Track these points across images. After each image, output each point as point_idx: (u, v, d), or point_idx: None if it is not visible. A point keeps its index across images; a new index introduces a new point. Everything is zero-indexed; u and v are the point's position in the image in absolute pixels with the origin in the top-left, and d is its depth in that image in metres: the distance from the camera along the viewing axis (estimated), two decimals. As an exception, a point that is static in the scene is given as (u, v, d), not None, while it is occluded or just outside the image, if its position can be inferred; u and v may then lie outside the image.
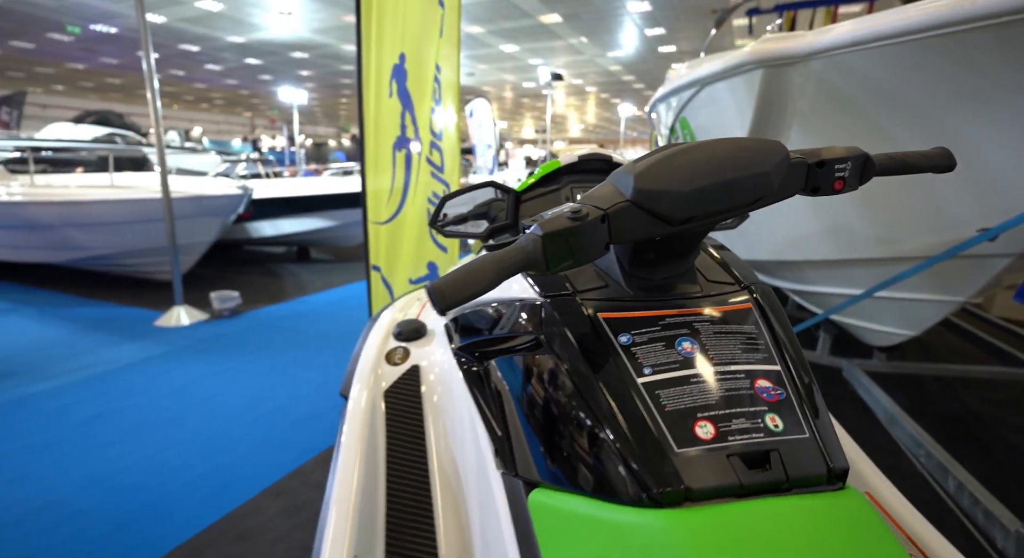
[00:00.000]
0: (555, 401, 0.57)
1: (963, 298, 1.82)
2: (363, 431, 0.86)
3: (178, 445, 2.60)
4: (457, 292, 0.46)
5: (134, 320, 4.70)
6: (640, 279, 0.63)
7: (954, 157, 0.64)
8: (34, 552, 1.88)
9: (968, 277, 1.73)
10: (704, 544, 0.42)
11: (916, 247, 1.78)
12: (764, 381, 0.54)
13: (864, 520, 0.45)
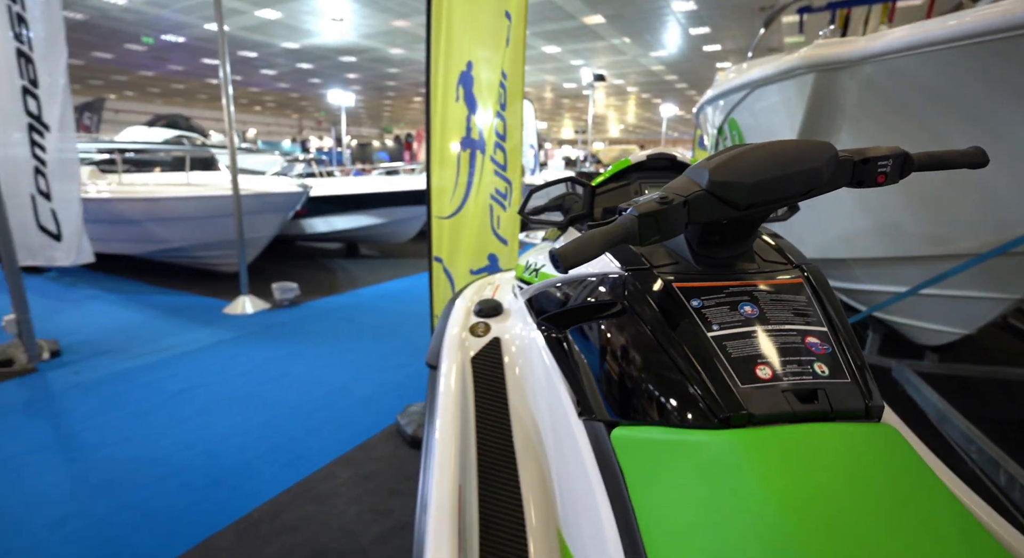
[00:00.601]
0: (637, 353, 0.71)
1: (1018, 296, 1.84)
2: (456, 391, 1.02)
3: (256, 418, 2.87)
4: (575, 256, 0.61)
5: (205, 308, 5.09)
6: (706, 258, 0.76)
7: (987, 155, 0.75)
8: (151, 497, 2.16)
9: (1022, 275, 1.75)
10: (762, 457, 0.55)
11: (968, 245, 1.81)
12: (813, 338, 0.67)
13: (895, 447, 0.57)
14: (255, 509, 2.11)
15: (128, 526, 2.01)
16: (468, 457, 0.93)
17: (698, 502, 0.52)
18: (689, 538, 0.49)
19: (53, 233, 3.69)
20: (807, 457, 0.54)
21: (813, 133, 2.04)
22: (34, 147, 3.44)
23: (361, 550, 1.89)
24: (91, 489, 2.23)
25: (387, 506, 2.14)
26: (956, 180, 1.75)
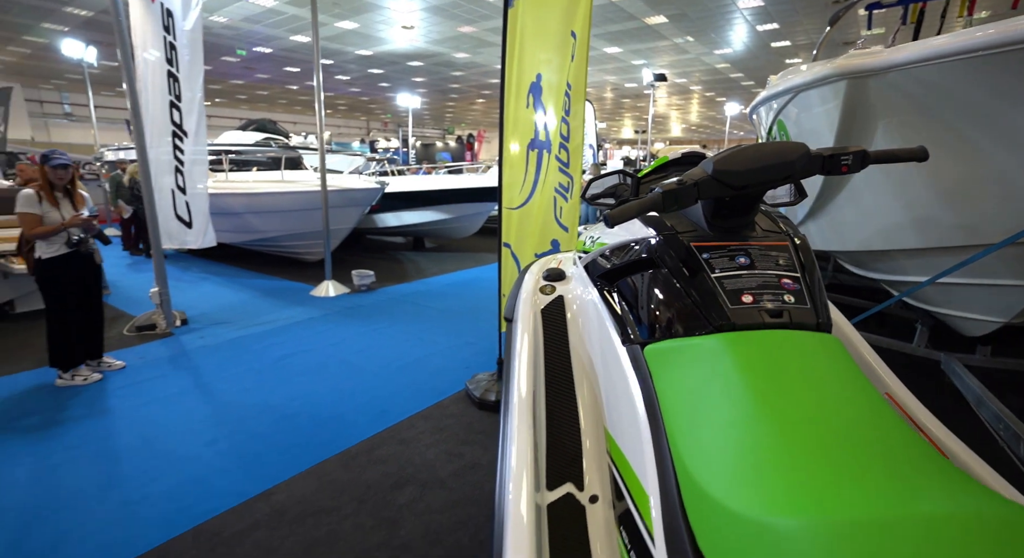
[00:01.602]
0: (663, 292, 1.04)
1: None
2: (529, 335, 1.38)
3: (347, 379, 3.37)
4: (619, 217, 0.95)
5: (294, 290, 5.76)
6: (717, 226, 1.08)
7: (928, 152, 1.02)
8: (273, 432, 2.68)
9: None
10: (741, 351, 0.87)
11: (996, 234, 1.95)
12: (786, 280, 0.98)
13: (831, 349, 0.87)
14: (353, 445, 2.58)
15: (259, 449, 2.53)
16: (539, 380, 1.28)
17: (698, 384, 0.84)
18: (691, 411, 0.81)
19: (186, 221, 4.41)
20: (770, 350, 0.86)
21: (849, 133, 2.24)
22: (175, 150, 4.15)
23: (440, 480, 2.30)
24: (228, 423, 2.79)
25: (459, 451, 2.54)
26: (982, 176, 1.90)
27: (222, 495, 2.18)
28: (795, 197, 1.32)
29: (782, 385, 0.78)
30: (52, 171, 2.99)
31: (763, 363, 0.84)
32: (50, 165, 2.99)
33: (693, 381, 0.87)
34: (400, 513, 2.08)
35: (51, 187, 3.00)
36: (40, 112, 22.72)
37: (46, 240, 2.99)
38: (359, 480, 2.29)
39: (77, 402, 3.03)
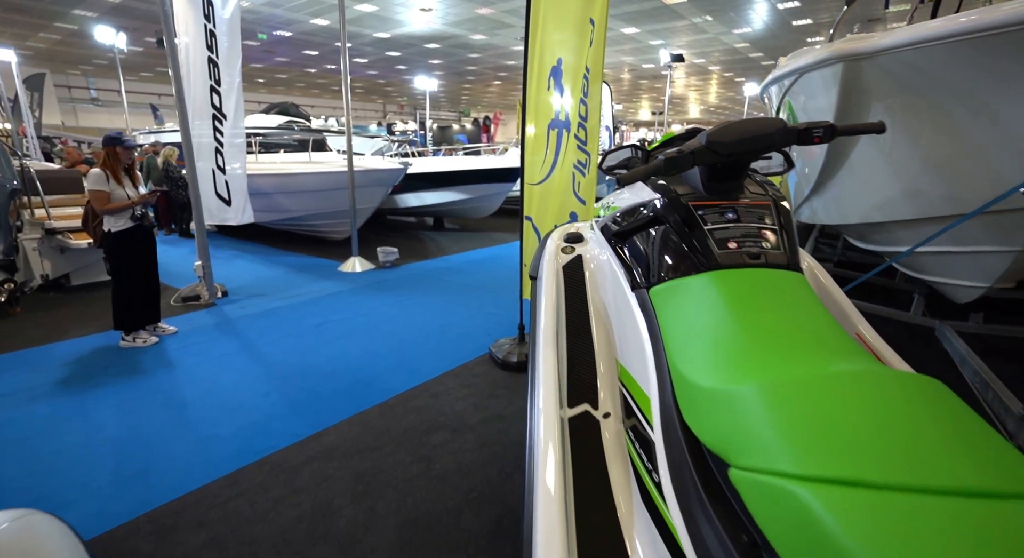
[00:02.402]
0: (665, 242, 1.27)
1: (1018, 248, 2.12)
2: (553, 289, 1.62)
3: (379, 343, 3.67)
4: (628, 179, 1.19)
5: (323, 266, 6.08)
6: (712, 189, 1.30)
7: (885, 125, 1.23)
8: (317, 387, 2.99)
9: (1020, 227, 2.04)
10: (725, 284, 1.10)
11: (976, 204, 2.11)
12: (766, 231, 1.20)
13: (795, 282, 1.10)
14: (389, 398, 2.88)
15: (307, 400, 2.83)
16: (561, 324, 1.53)
17: (690, 311, 1.07)
18: (684, 330, 1.05)
19: (225, 199, 4.72)
20: (748, 283, 1.09)
21: (847, 112, 2.41)
22: (216, 132, 4.44)
23: (469, 426, 2.58)
24: (276, 378, 3.10)
25: (485, 404, 2.82)
26: (962, 151, 2.07)
27: (279, 436, 2.49)
28: (785, 167, 1.54)
29: (754, 306, 1.02)
30: (125, 151, 3.33)
31: (741, 292, 1.07)
32: (124, 146, 3.32)
33: (687, 309, 1.10)
34: (435, 452, 2.36)
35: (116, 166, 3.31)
36: (68, 97, 23.32)
37: (115, 215, 3.30)
38: (397, 426, 2.59)
39: (142, 360, 3.37)
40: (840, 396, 0.71)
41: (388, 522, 1.92)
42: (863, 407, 0.68)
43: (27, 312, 4.35)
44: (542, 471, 0.98)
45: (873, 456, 0.60)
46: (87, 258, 5.07)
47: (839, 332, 0.94)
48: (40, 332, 3.88)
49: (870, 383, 0.73)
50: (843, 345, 0.90)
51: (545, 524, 0.86)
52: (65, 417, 2.66)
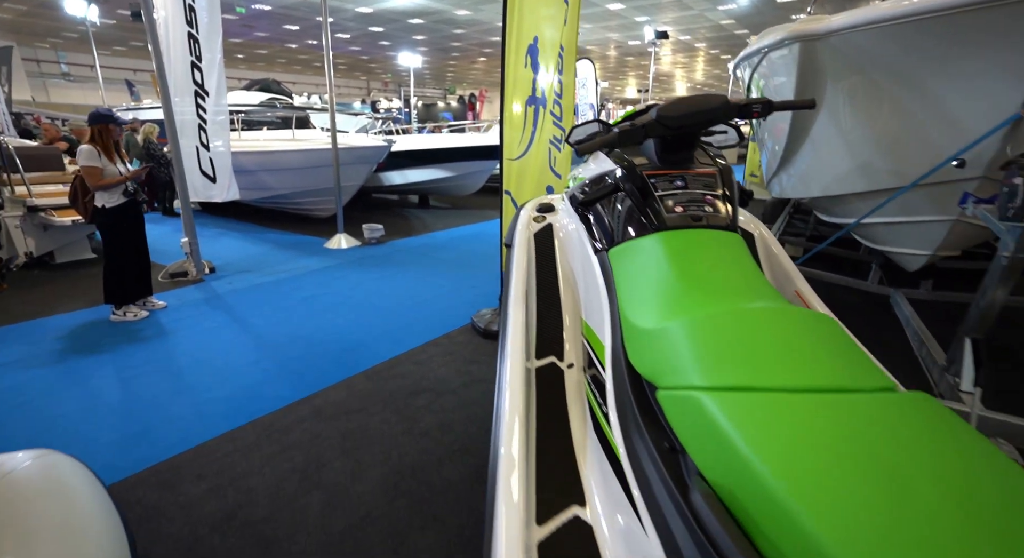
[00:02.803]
0: (622, 208, 1.41)
1: (954, 216, 2.31)
2: (524, 255, 1.76)
3: (365, 315, 3.80)
4: (586, 149, 1.33)
5: (309, 243, 6.14)
6: (665, 159, 1.44)
7: (815, 102, 1.38)
8: (307, 355, 3.12)
9: (955, 198, 2.21)
10: (670, 244, 1.25)
11: (916, 176, 2.28)
12: (710, 197, 1.35)
13: (732, 240, 1.25)
14: (375, 365, 3.02)
15: (297, 368, 2.97)
16: (531, 286, 1.67)
17: (640, 267, 1.22)
18: (633, 284, 1.19)
19: (210, 176, 4.75)
20: (689, 241, 1.24)
21: (804, 90, 2.55)
22: (198, 109, 4.44)
23: (452, 390, 2.74)
24: (266, 348, 3.23)
25: (467, 369, 2.98)
26: (904, 127, 2.23)
27: (270, 399, 2.63)
28: (737, 140, 1.69)
29: (691, 260, 1.17)
30: (117, 128, 3.40)
31: (682, 249, 1.22)
32: (118, 123, 3.39)
33: (637, 266, 1.25)
34: (418, 412, 2.53)
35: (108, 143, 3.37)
36: (38, 72, 22.52)
37: (107, 191, 3.36)
38: (382, 389, 2.74)
39: (135, 332, 3.47)
40: (744, 326, 0.87)
41: (374, 472, 2.09)
42: (760, 333, 0.84)
43: (13, 289, 4.39)
44: (508, 414, 1.12)
45: (763, 368, 0.76)
46: (71, 236, 5.09)
47: (760, 281, 1.10)
48: (29, 308, 3.94)
49: (769, 316, 0.89)
50: (760, 290, 1.05)
51: (507, 457, 1.00)
52: (64, 385, 2.77)
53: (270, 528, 1.80)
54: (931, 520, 0.50)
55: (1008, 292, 1.68)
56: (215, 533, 1.78)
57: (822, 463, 0.57)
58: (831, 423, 0.64)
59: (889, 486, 0.53)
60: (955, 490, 0.53)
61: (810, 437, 0.62)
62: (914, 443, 0.60)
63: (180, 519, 1.84)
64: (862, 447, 0.59)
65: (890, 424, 0.64)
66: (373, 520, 1.84)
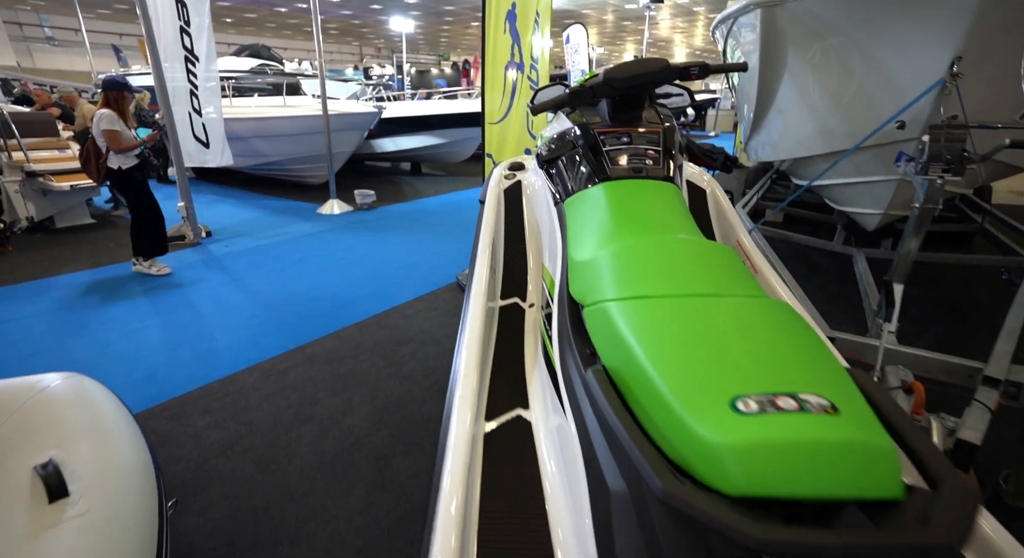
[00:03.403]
0: (576, 163, 1.58)
1: (899, 176, 2.47)
2: (494, 209, 1.93)
3: (356, 275, 3.99)
4: (539, 108, 1.50)
5: (302, 209, 6.28)
6: (616, 118, 1.61)
7: (747, 65, 1.53)
8: (301, 311, 3.33)
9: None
10: (613, 192, 1.43)
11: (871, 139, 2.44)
12: (651, 152, 1.52)
13: (667, 188, 1.43)
14: (365, 318, 3.23)
15: (292, 322, 3.18)
16: (499, 236, 1.86)
17: (586, 213, 1.40)
18: (579, 227, 1.37)
19: (203, 142, 4.85)
20: (629, 190, 1.42)
21: (767, 55, 2.67)
22: (189, 74, 4.51)
23: (435, 340, 2.96)
24: (263, 304, 3.43)
25: (450, 322, 3.19)
26: (855, 91, 2.37)
27: (268, 348, 2.85)
28: (688, 102, 1.85)
29: (627, 206, 1.35)
30: (130, 95, 3.64)
31: (621, 196, 1.40)
32: (132, 90, 3.66)
33: (584, 212, 1.43)
34: (404, 358, 2.75)
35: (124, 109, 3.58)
36: (20, 35, 21.98)
37: (124, 154, 3.57)
38: (371, 339, 2.96)
39: (138, 291, 3.66)
40: (651, 253, 1.06)
41: (363, 409, 2.32)
42: (663, 258, 1.03)
43: (18, 252, 4.55)
44: (468, 341, 1.31)
45: (658, 282, 0.95)
46: (69, 201, 5.22)
47: (682, 221, 1.28)
48: (36, 268, 4.12)
49: (674, 244, 1.08)
50: (681, 228, 1.24)
51: (466, 371, 1.19)
52: (75, 335, 2.98)
53: (269, 453, 2.04)
54: (736, 364, 0.69)
55: (921, 241, 1.87)
56: (220, 457, 2.01)
57: (679, 344, 0.76)
58: (696, 317, 0.84)
59: (720, 352, 0.73)
60: (761, 346, 0.73)
61: (676, 326, 0.81)
62: (752, 326, 0.79)
63: (189, 445, 2.07)
64: (712, 331, 0.79)
65: (740, 316, 0.83)
66: (361, 446, 2.08)
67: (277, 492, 1.83)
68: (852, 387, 0.66)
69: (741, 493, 0.57)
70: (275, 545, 1.62)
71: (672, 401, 0.68)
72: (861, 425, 0.60)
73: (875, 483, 0.56)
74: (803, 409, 0.61)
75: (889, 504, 0.56)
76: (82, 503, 1.15)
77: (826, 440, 0.57)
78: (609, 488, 0.76)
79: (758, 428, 0.59)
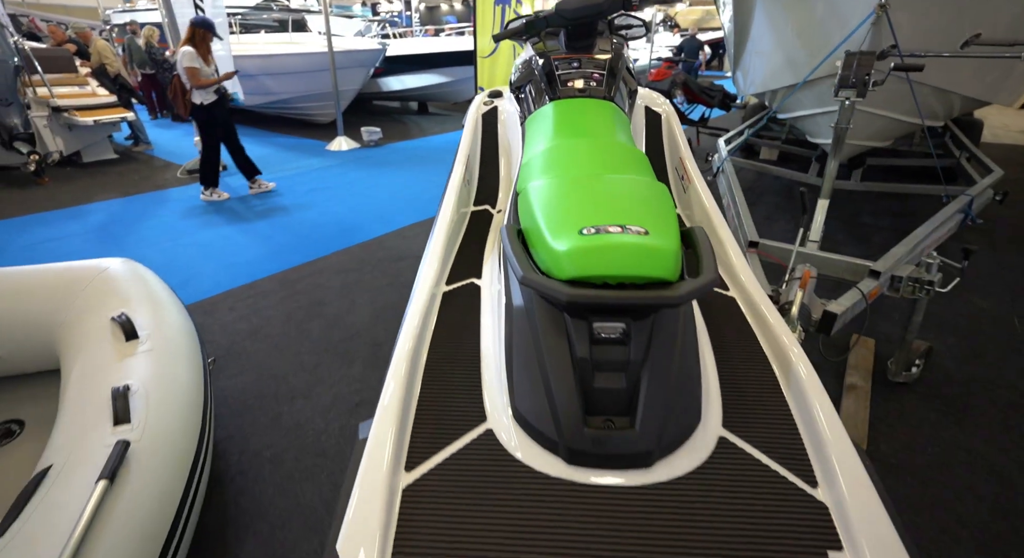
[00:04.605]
0: (535, 87, 1.85)
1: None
2: (472, 128, 2.21)
3: (361, 204, 4.32)
4: (498, 37, 1.76)
5: (311, 146, 6.54)
6: (571, 47, 1.85)
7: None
8: (311, 233, 3.70)
9: None
10: (561, 108, 1.70)
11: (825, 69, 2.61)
12: (596, 75, 1.78)
13: (607, 107, 1.70)
14: (367, 240, 3.59)
15: (303, 242, 3.55)
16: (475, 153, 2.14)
17: (539, 127, 1.68)
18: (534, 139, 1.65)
19: (214, 77, 5.06)
20: (574, 106, 1.70)
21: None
22: (197, 10, 4.67)
23: (430, 258, 3.31)
24: (276, 228, 3.80)
25: (445, 244, 3.53)
26: (814, 24, 2.52)
27: (283, 262, 3.24)
28: (644, 33, 2.09)
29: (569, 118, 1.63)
30: (210, 34, 3.98)
31: (565, 111, 1.67)
32: (215, 32, 4.03)
33: (535, 127, 1.72)
34: (401, 271, 3.12)
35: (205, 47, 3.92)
36: (25, -29, 21.54)
37: (204, 89, 3.95)
38: (373, 256, 3.33)
39: (166, 214, 4.05)
40: (574, 149, 1.36)
41: (364, 309, 2.71)
42: (580, 153, 1.33)
43: (54, 183, 4.95)
44: (436, 233, 1.63)
45: (568, 167, 1.25)
46: (94, 136, 5.55)
47: (611, 130, 1.55)
48: (72, 197, 4.52)
49: (593, 144, 1.37)
50: (607, 134, 1.52)
51: (430, 254, 1.51)
52: (110, 252, 3.40)
53: (285, 339, 2.45)
54: (596, 214, 1.01)
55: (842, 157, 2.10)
56: (246, 340, 2.44)
57: (565, 204, 1.07)
58: (585, 187, 1.15)
59: (590, 207, 1.04)
60: (622, 203, 1.04)
61: (567, 194, 1.13)
62: (623, 193, 1.10)
63: (219, 332, 2.50)
64: (592, 194, 1.10)
65: (618, 187, 1.14)
66: (360, 336, 2.48)
67: (292, 365, 2.26)
68: (673, 230, 0.98)
69: (568, 276, 0.91)
70: (291, 399, 2.06)
71: (546, 235, 1.00)
72: (658, 239, 0.92)
73: (655, 268, 0.89)
74: (624, 232, 0.93)
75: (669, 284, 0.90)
76: (149, 343, 1.56)
77: (627, 242, 0.90)
78: (513, 305, 1.11)
79: (586, 240, 0.92)
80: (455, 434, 1.05)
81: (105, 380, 1.42)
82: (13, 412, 1.79)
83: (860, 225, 3.67)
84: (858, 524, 0.83)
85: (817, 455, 0.95)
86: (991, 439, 1.85)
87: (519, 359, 1.07)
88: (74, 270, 1.81)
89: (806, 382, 1.04)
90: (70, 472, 1.18)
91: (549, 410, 0.99)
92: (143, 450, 1.27)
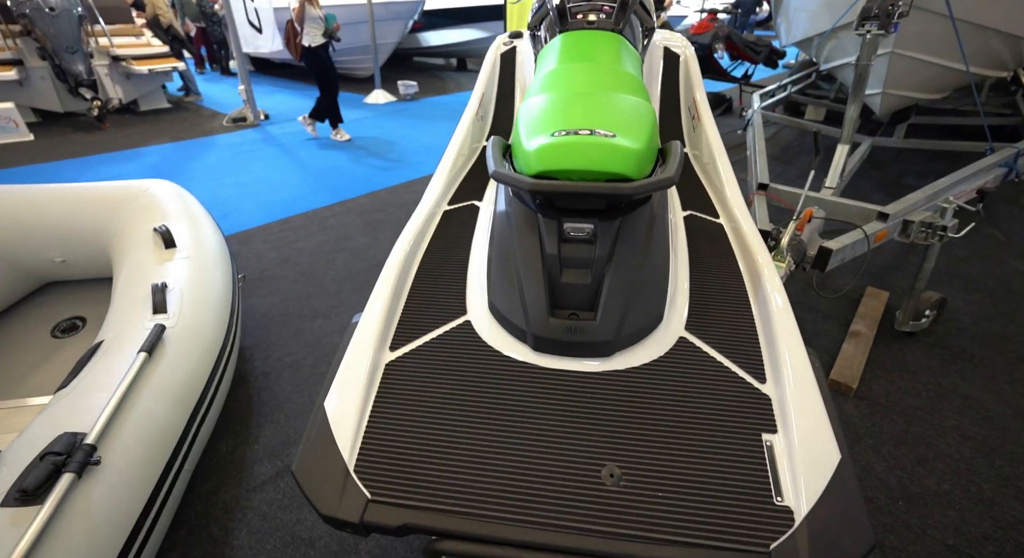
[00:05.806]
0: (548, 24, 1.87)
1: (889, 49, 2.51)
2: (490, 66, 2.25)
3: (393, 152, 4.45)
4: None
5: (350, 99, 6.67)
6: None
7: None
8: (342, 177, 3.86)
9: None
10: (565, 40, 1.73)
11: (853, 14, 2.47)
12: (607, 8, 1.79)
13: (613, 38, 1.72)
14: (395, 184, 3.72)
15: (335, 185, 3.72)
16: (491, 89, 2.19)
17: (547, 56, 1.72)
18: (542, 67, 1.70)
19: (257, 27, 5.23)
20: (582, 37, 1.72)
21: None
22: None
23: (453, 203, 3.42)
24: (311, 172, 3.99)
25: (469, 192, 3.62)
26: None
27: (314, 202, 3.42)
28: None
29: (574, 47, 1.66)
30: None
31: (572, 42, 1.71)
32: None
33: (545, 58, 1.76)
34: (424, 214, 3.24)
35: None
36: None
37: (309, 32, 4.20)
38: (398, 199, 3.46)
39: (208, 156, 4.31)
40: (574, 73, 1.40)
41: (386, 244, 2.86)
42: (582, 75, 1.38)
43: (113, 128, 5.29)
44: (444, 159, 1.72)
45: (568, 85, 1.30)
46: (149, 84, 5.85)
47: (614, 58, 1.58)
48: (130, 140, 4.84)
49: (593, 68, 1.42)
50: (610, 61, 1.56)
51: (437, 176, 1.60)
52: (164, 188, 3.67)
53: (311, 268, 2.64)
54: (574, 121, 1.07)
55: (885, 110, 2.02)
56: (276, 267, 2.64)
57: (549, 115, 1.13)
58: (572, 102, 1.20)
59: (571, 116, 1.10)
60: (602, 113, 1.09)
61: (554, 106, 1.19)
62: (607, 107, 1.15)
63: (253, 260, 2.71)
64: (576, 107, 1.15)
65: (604, 102, 1.19)
66: (380, 267, 2.60)
67: (316, 289, 2.44)
68: (643, 136, 1.03)
69: (535, 171, 0.99)
70: (313, 318, 2.24)
71: (523, 138, 1.08)
72: (621, 140, 0.98)
73: (614, 164, 0.96)
74: (592, 135, 1.00)
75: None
76: (185, 251, 1.74)
77: (590, 141, 0.97)
78: (497, 212, 1.21)
79: (555, 139, 1.00)
80: (437, 323, 1.17)
81: (147, 278, 1.61)
82: (78, 311, 2.05)
83: (902, 186, 3.51)
84: (794, 413, 0.90)
85: (771, 357, 1.02)
86: (991, 389, 1.84)
87: (497, 259, 1.16)
88: (124, 188, 2.01)
89: (771, 295, 1.10)
90: (117, 346, 1.38)
91: (520, 302, 1.09)
92: (177, 335, 1.46)
